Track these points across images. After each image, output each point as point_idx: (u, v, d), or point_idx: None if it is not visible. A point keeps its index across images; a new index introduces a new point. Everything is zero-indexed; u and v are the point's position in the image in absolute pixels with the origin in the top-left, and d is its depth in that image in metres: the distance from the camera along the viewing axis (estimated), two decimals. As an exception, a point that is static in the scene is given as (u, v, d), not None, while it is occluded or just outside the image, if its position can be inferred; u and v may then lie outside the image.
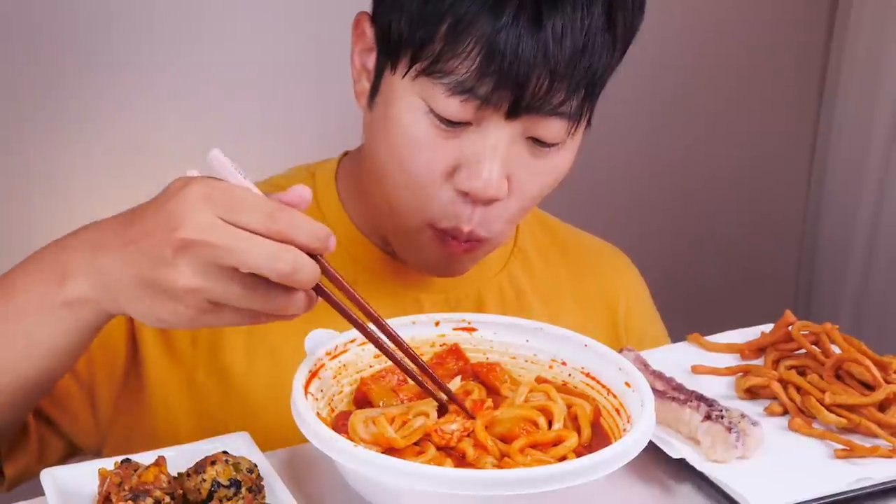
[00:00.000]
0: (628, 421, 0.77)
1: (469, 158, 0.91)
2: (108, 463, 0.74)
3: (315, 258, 0.70)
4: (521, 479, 0.66)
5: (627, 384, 0.79)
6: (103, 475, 0.73)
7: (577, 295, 1.15)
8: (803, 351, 0.96)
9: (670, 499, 0.82)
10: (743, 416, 0.83)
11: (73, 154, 1.84)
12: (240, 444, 0.78)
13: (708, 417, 0.83)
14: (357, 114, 1.01)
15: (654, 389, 0.83)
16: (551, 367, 0.86)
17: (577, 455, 0.74)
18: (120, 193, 1.42)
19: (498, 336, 0.88)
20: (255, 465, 0.74)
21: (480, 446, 0.75)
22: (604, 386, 0.82)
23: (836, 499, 0.79)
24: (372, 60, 0.96)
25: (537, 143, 0.92)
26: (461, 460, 0.74)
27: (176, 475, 0.73)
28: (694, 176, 2.49)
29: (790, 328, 0.98)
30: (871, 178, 2.40)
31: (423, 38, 0.89)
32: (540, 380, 0.85)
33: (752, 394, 0.93)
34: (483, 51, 0.86)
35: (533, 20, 0.86)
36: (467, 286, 1.08)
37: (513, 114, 0.89)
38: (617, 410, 0.79)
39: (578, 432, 0.77)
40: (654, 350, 1.00)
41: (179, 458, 0.75)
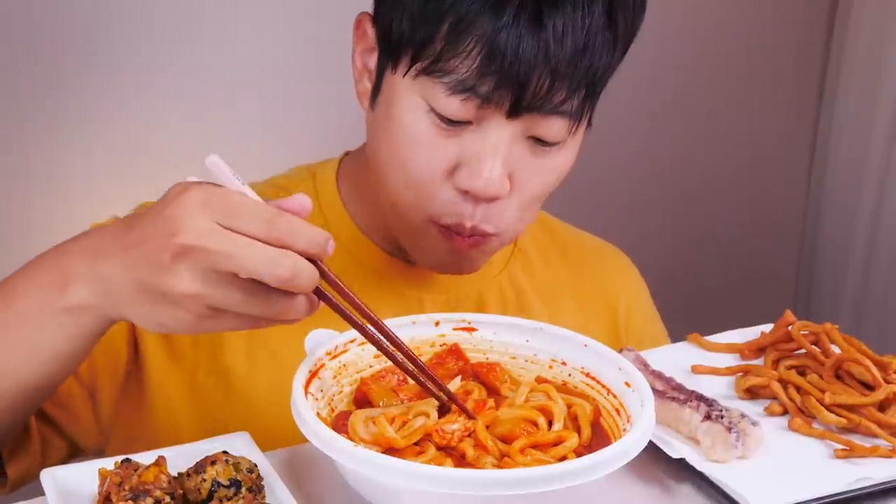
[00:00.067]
0: (628, 421, 0.77)
1: (470, 157, 0.91)
2: (109, 463, 0.74)
3: (314, 262, 0.70)
4: (521, 479, 0.66)
5: (627, 384, 0.79)
6: (103, 475, 0.73)
7: (577, 295, 1.15)
8: (803, 351, 0.96)
9: (670, 499, 0.82)
10: (743, 416, 0.83)
11: (73, 154, 1.84)
12: (240, 444, 0.78)
13: (708, 417, 0.83)
14: (357, 114, 1.01)
15: (654, 389, 0.83)
16: (551, 367, 0.86)
17: (577, 455, 0.74)
18: (120, 193, 1.42)
19: (498, 336, 0.87)
20: (255, 465, 0.74)
21: (480, 446, 0.75)
22: (604, 386, 0.82)
23: (836, 499, 0.79)
24: (373, 60, 0.96)
25: (538, 143, 0.92)
26: (461, 460, 0.74)
27: (176, 475, 0.73)
28: (694, 176, 2.49)
29: (790, 328, 0.98)
30: (871, 178, 2.40)
31: (424, 38, 0.89)
32: (540, 380, 0.85)
33: (752, 394, 0.93)
34: (484, 50, 0.86)
35: (534, 19, 0.86)
36: (468, 286, 1.08)
37: (514, 113, 0.89)
38: (617, 410, 0.79)
39: (578, 432, 0.77)
40: (653, 350, 1.00)
41: (179, 458, 0.75)
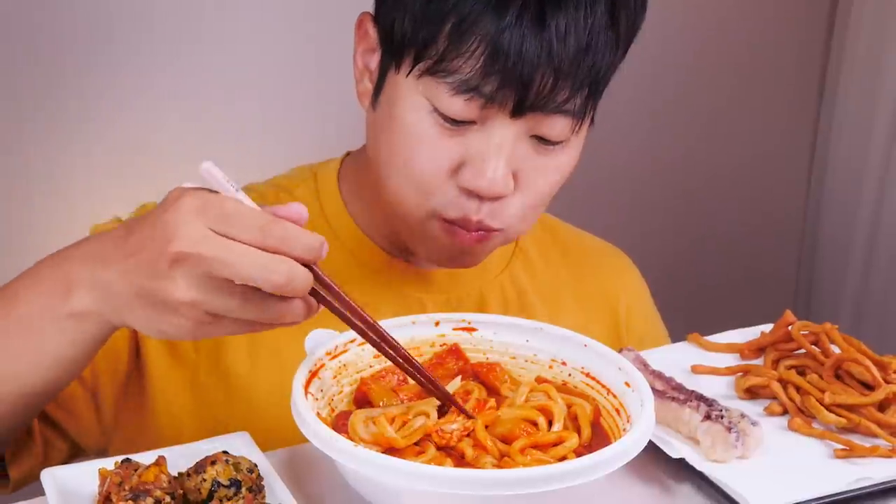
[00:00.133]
0: (628, 421, 0.77)
1: (474, 157, 0.91)
2: (109, 463, 0.74)
3: (308, 266, 0.70)
4: (521, 479, 0.66)
5: (627, 384, 0.79)
6: (103, 475, 0.73)
7: (577, 295, 1.15)
8: (803, 351, 0.96)
9: (670, 499, 0.82)
10: (743, 415, 0.83)
11: (73, 154, 1.84)
12: (240, 444, 0.78)
13: (708, 417, 0.83)
14: (358, 114, 1.01)
15: (653, 389, 0.83)
16: (551, 367, 0.86)
17: (577, 455, 0.74)
18: (120, 193, 1.42)
19: (498, 336, 0.87)
20: (256, 465, 0.74)
21: (480, 446, 0.75)
22: (604, 386, 0.82)
23: (836, 499, 0.79)
24: (374, 61, 0.96)
25: (542, 142, 0.92)
26: (461, 460, 0.74)
27: (176, 475, 0.73)
28: (694, 175, 2.49)
29: (790, 328, 0.98)
30: (871, 177, 2.39)
31: (427, 38, 0.89)
32: (540, 380, 0.85)
33: (752, 394, 0.93)
34: (487, 50, 0.86)
35: (536, 19, 0.86)
36: (469, 286, 1.08)
37: (517, 112, 0.89)
38: (617, 410, 0.79)
39: (578, 432, 0.77)
40: (653, 350, 1.00)
41: (179, 457, 0.75)
